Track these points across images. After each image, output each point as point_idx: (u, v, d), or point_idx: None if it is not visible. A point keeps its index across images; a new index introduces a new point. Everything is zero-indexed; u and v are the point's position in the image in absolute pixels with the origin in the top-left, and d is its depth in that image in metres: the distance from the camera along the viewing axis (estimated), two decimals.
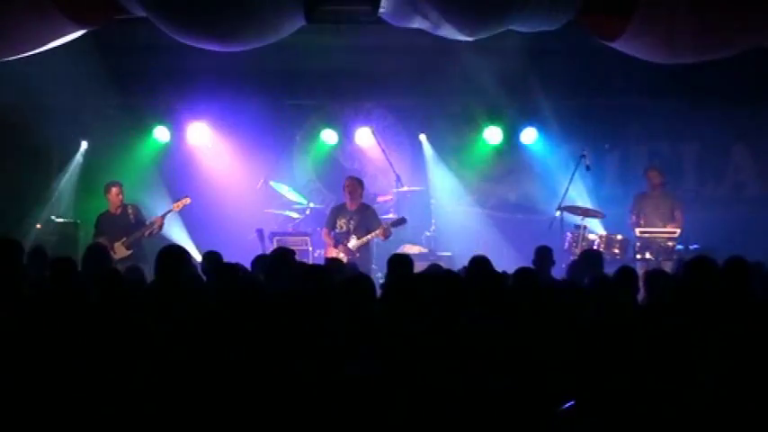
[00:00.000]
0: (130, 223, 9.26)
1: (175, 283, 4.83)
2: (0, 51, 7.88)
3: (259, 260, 6.23)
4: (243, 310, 4.06)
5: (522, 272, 5.19)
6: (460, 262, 7.26)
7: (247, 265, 5.98)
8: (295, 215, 10.22)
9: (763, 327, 4.10)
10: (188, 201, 9.51)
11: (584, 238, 9.10)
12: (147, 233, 9.18)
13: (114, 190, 9.33)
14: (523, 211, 11.16)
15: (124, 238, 9.12)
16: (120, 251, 9.06)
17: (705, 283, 4.78)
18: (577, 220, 9.31)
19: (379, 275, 8.57)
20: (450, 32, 8.08)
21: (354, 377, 2.34)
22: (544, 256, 6.95)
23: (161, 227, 9.25)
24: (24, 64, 8.43)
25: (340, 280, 4.93)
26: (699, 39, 7.83)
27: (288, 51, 9.09)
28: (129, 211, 9.33)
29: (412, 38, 8.72)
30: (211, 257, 6.25)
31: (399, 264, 5.77)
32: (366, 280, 4.58)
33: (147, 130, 10.76)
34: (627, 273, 5.66)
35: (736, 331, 3.99)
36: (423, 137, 11.08)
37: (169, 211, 9.41)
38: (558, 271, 7.68)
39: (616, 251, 9.07)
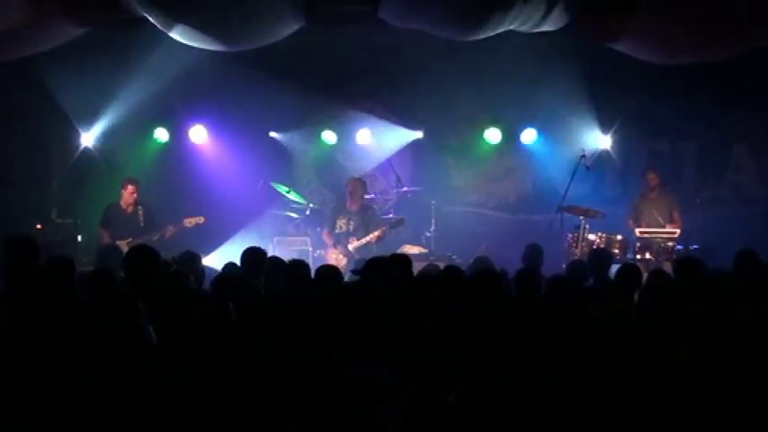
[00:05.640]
0: (139, 225, 9.23)
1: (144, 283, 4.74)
2: (1, 50, 7.88)
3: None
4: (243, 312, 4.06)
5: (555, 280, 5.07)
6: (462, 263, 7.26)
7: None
8: (295, 215, 10.21)
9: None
10: (201, 220, 9.35)
11: (584, 239, 9.09)
12: (155, 238, 9.04)
13: (130, 188, 9.29)
14: (523, 211, 11.16)
15: (130, 239, 9.07)
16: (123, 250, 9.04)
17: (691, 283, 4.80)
18: (577, 220, 9.30)
19: None
20: (449, 32, 8.09)
21: (357, 378, 2.35)
22: (535, 254, 6.91)
23: (172, 235, 9.17)
24: (24, 63, 8.45)
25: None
26: (699, 39, 7.84)
27: (288, 51, 9.10)
28: (140, 212, 9.29)
29: (412, 38, 8.73)
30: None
31: (399, 264, 5.75)
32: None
33: (147, 130, 10.75)
34: (628, 272, 5.68)
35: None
36: (419, 134, 11.07)
37: (181, 226, 9.26)
38: (556, 271, 7.66)
39: (616, 252, 9.05)
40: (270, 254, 8.85)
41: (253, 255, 5.89)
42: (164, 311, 4.14)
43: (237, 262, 5.96)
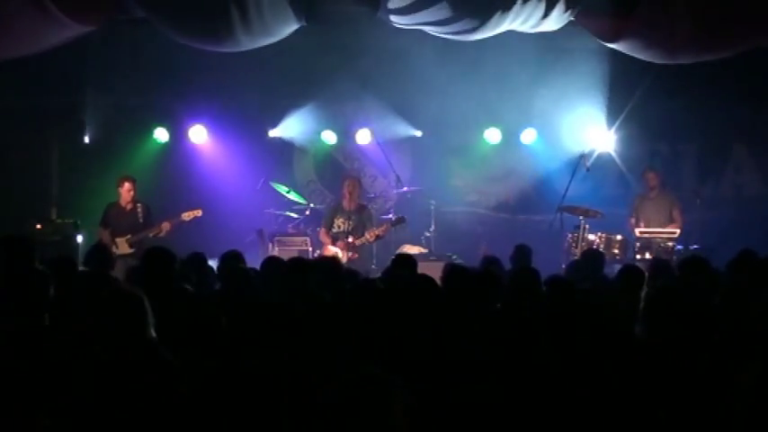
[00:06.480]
0: (138, 222, 9.26)
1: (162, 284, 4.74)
2: (1, 50, 7.87)
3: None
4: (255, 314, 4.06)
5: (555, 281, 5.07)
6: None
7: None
8: (295, 215, 10.21)
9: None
10: (199, 213, 9.38)
11: (584, 239, 9.09)
12: (152, 235, 9.13)
13: (127, 185, 9.31)
14: (523, 211, 11.16)
15: (129, 235, 9.13)
16: (122, 247, 9.07)
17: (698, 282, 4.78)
18: (577, 220, 9.30)
19: (379, 275, 8.54)
20: (449, 32, 8.10)
21: (366, 377, 2.35)
22: (524, 255, 6.91)
23: (168, 232, 9.19)
24: (24, 63, 8.44)
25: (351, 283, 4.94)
26: (699, 39, 7.84)
27: (288, 51, 9.09)
28: (139, 209, 9.32)
29: (412, 38, 8.73)
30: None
31: (403, 264, 5.75)
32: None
33: (147, 130, 10.75)
34: (629, 272, 5.67)
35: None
36: (418, 133, 11.07)
37: (179, 220, 9.27)
38: (555, 271, 7.66)
39: (616, 252, 9.06)
40: (270, 254, 8.93)
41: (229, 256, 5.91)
42: (164, 312, 4.15)
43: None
